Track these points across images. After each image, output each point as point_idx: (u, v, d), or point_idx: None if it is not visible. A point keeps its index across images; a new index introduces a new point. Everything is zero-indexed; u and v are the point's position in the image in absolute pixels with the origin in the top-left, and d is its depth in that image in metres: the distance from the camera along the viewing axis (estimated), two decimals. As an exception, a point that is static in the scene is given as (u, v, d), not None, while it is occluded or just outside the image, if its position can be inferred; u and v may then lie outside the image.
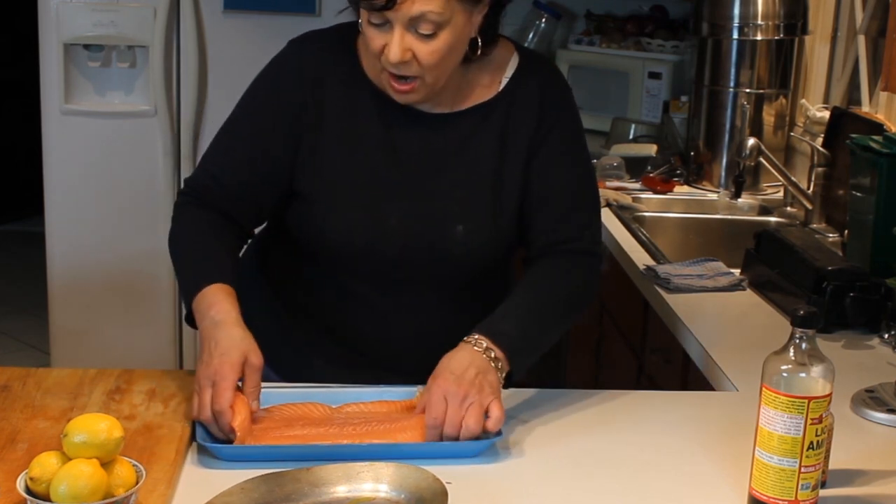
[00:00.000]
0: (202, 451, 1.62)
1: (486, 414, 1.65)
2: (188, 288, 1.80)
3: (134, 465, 1.46)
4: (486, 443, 1.65)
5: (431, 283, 1.90)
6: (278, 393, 1.78)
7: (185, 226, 1.88)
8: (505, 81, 1.90)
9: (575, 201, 1.91)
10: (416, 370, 1.84)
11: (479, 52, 1.82)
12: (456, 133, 1.87)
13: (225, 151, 1.90)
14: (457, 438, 1.64)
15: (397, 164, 1.86)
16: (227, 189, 1.87)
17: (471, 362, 1.69)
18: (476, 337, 1.73)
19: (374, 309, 1.92)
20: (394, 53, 1.73)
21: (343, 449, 1.62)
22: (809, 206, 3.02)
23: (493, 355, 1.71)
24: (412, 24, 1.71)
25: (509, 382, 1.76)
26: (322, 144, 1.86)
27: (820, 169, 2.99)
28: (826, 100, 3.33)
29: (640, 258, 2.68)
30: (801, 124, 3.40)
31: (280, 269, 1.99)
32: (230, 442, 1.62)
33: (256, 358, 1.68)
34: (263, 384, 1.71)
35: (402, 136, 1.86)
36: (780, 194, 3.28)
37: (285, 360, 1.94)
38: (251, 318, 1.94)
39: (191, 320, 1.81)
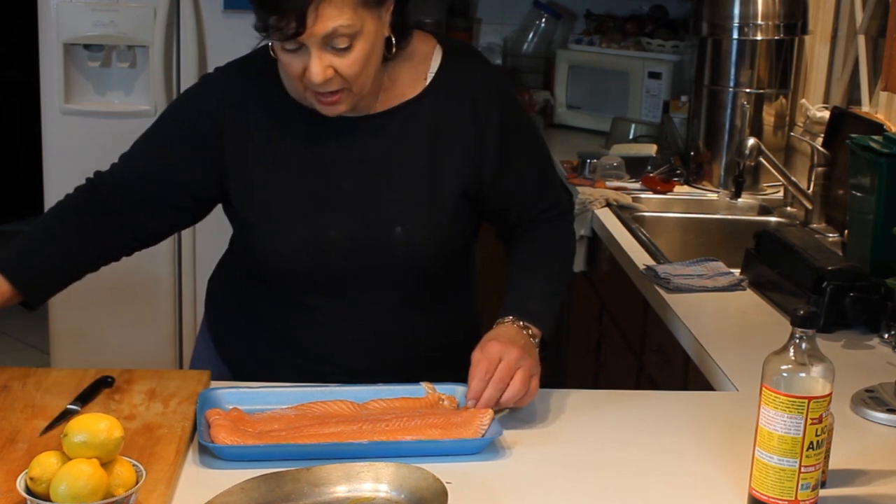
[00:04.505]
0: (202, 451, 1.63)
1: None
2: None
3: (134, 465, 1.46)
4: (487, 440, 1.66)
5: (382, 286, 1.91)
6: (302, 392, 1.79)
7: (45, 217, 1.94)
8: (430, 77, 1.89)
9: (544, 178, 2.00)
10: (381, 373, 1.88)
11: (394, 49, 1.82)
12: (385, 133, 1.87)
13: (131, 158, 1.96)
14: (498, 400, 1.72)
15: (329, 176, 1.87)
16: (121, 192, 1.92)
17: (517, 334, 1.79)
18: (511, 318, 1.82)
19: (330, 318, 1.93)
20: (316, 75, 1.73)
21: (343, 448, 1.62)
22: (809, 206, 3.02)
23: (531, 332, 1.81)
24: (327, 42, 1.72)
25: (544, 350, 1.84)
26: (252, 169, 1.88)
27: (820, 169, 2.98)
28: (826, 100, 3.33)
29: (640, 258, 2.68)
30: (801, 124, 3.39)
31: (240, 287, 2.03)
32: None
33: None
34: (281, 385, 1.81)
35: (331, 146, 1.87)
36: (780, 194, 3.28)
37: (252, 374, 1.95)
38: (220, 333, 1.99)
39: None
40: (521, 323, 1.81)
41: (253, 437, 1.64)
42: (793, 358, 1.46)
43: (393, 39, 1.81)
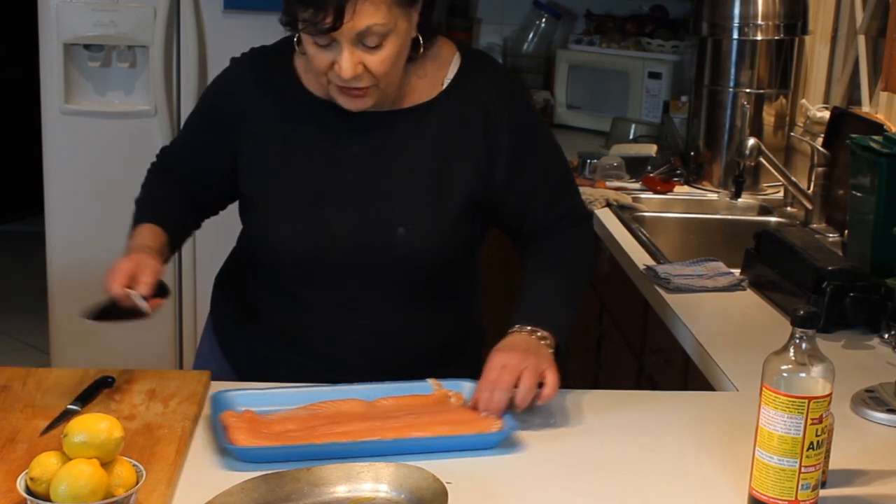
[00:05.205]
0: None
1: (541, 383, 1.74)
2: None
3: (134, 465, 1.46)
4: (505, 433, 1.68)
5: (380, 285, 1.92)
6: (311, 392, 1.79)
7: (144, 187, 2.03)
8: (447, 82, 1.91)
9: (559, 185, 1.99)
10: (380, 372, 1.88)
11: (421, 49, 1.85)
12: (396, 133, 1.89)
13: (178, 142, 2.07)
14: (509, 403, 1.71)
15: (337, 170, 1.88)
16: (178, 171, 2.02)
17: (522, 340, 1.80)
18: (519, 326, 1.82)
19: (330, 316, 1.93)
20: (346, 71, 1.75)
21: (365, 446, 1.63)
22: (809, 206, 3.02)
23: (539, 335, 1.81)
24: (359, 38, 1.74)
25: (559, 356, 1.83)
26: (260, 155, 1.91)
27: (820, 169, 2.98)
28: (826, 100, 3.33)
29: (640, 258, 2.68)
30: (801, 124, 3.39)
31: (244, 285, 2.04)
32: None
33: (152, 262, 1.81)
34: (291, 386, 1.81)
35: (342, 141, 1.89)
36: (780, 194, 3.28)
37: (255, 373, 1.96)
38: (224, 332, 2.00)
39: None
40: (529, 328, 1.81)
41: (268, 438, 1.64)
42: (793, 358, 1.46)
43: (420, 39, 1.84)
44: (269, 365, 1.97)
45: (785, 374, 1.46)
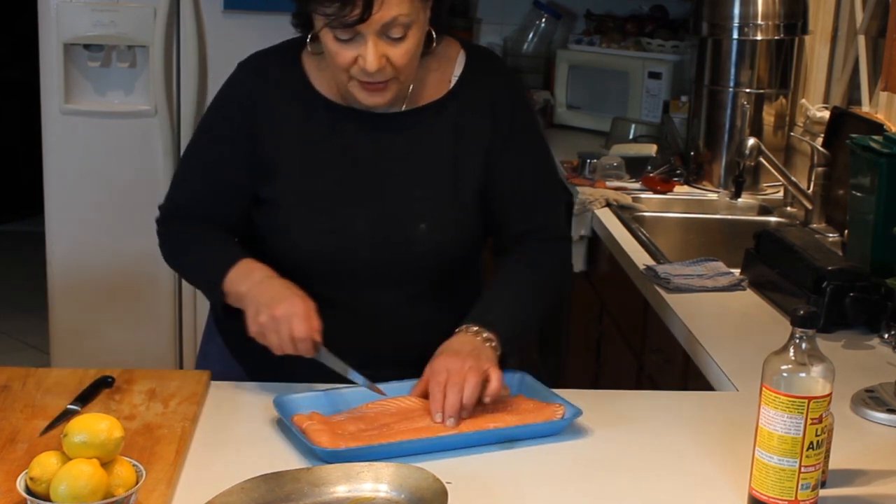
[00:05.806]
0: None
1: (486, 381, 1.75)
2: (215, 275, 1.86)
3: (134, 465, 1.46)
4: (569, 420, 1.72)
5: (401, 282, 1.93)
6: (365, 392, 1.80)
7: (180, 236, 1.98)
8: (454, 79, 1.93)
9: (542, 193, 2.00)
10: (394, 366, 1.88)
11: (434, 44, 1.87)
12: (410, 131, 1.91)
13: (187, 180, 1.99)
14: (461, 405, 1.71)
15: (356, 170, 1.89)
16: (194, 214, 1.96)
17: (466, 342, 1.80)
18: (466, 326, 1.82)
19: (348, 312, 1.93)
20: (371, 63, 1.76)
21: (446, 440, 1.66)
22: (809, 206, 3.02)
23: (484, 335, 1.81)
24: (384, 30, 1.76)
25: (504, 365, 1.82)
26: (279, 161, 1.90)
27: (820, 169, 2.99)
28: (826, 100, 3.33)
29: (640, 258, 2.68)
30: (801, 124, 3.39)
31: None
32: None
33: (308, 298, 1.79)
34: (345, 386, 1.82)
35: (357, 141, 1.90)
36: (780, 194, 3.28)
37: (268, 373, 1.94)
38: (232, 333, 1.99)
39: (225, 312, 1.87)
40: (475, 328, 1.81)
41: (348, 438, 1.65)
42: (793, 358, 1.46)
43: (433, 34, 1.86)
44: (286, 364, 1.96)
45: (785, 374, 1.46)
